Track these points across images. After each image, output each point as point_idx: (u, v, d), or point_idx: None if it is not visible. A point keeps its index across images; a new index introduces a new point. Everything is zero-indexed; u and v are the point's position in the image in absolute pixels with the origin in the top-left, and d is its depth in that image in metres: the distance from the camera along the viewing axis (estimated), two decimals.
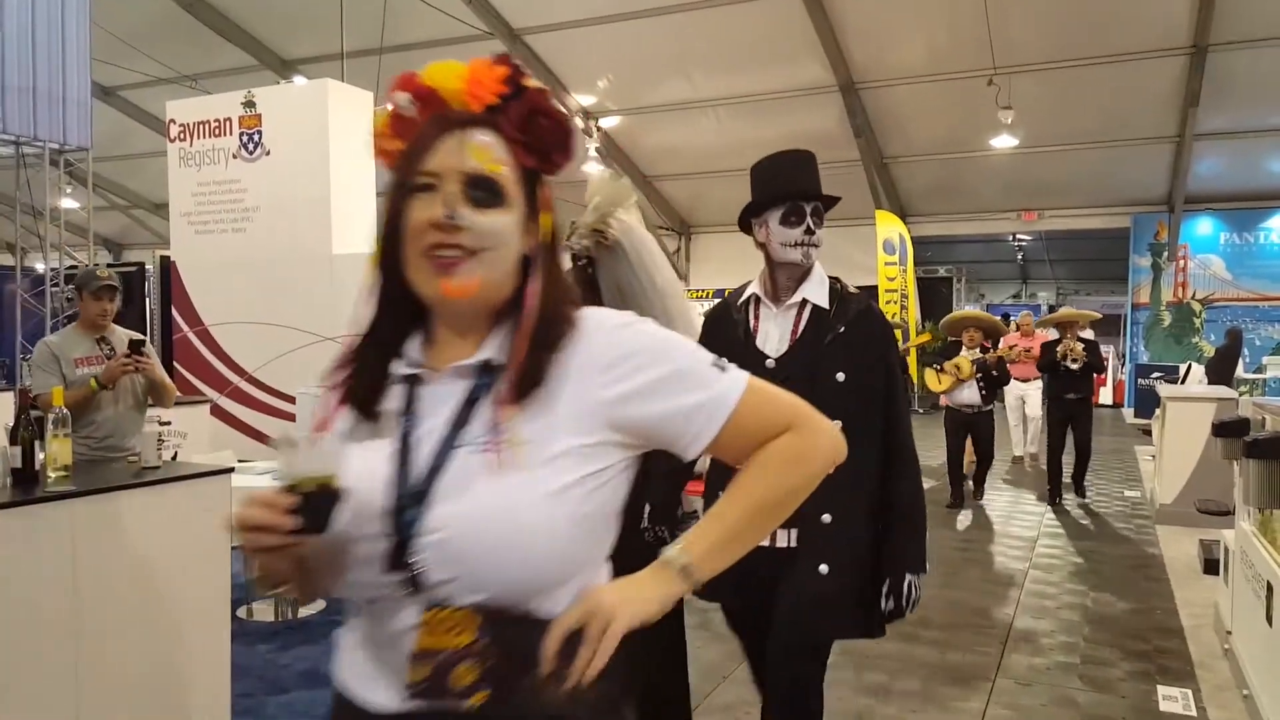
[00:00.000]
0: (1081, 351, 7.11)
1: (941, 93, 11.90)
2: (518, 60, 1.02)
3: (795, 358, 2.13)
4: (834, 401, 1.92)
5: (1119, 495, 7.86)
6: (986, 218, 15.10)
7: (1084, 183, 13.58)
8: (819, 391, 1.91)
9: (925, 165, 13.86)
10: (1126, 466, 9.35)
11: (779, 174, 2.22)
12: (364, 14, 10.56)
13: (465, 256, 0.94)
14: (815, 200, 2.18)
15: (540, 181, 1.04)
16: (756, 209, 2.22)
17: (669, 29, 11.23)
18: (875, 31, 11.12)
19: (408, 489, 0.93)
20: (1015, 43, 10.59)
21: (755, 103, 12.60)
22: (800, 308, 2.18)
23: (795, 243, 2.15)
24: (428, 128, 0.99)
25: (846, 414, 1.88)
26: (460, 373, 0.98)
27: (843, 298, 2.18)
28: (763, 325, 2.21)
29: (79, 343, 3.77)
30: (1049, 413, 7.59)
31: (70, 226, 8.52)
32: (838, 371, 2.08)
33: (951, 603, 4.80)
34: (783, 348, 2.16)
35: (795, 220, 2.16)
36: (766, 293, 2.24)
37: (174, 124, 8.52)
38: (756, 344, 2.19)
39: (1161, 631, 4.33)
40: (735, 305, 2.28)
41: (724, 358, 1.93)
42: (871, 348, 2.14)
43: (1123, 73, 11.00)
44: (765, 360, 2.13)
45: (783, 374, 2.03)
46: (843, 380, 2.07)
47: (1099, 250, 17.64)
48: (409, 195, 0.96)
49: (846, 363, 2.09)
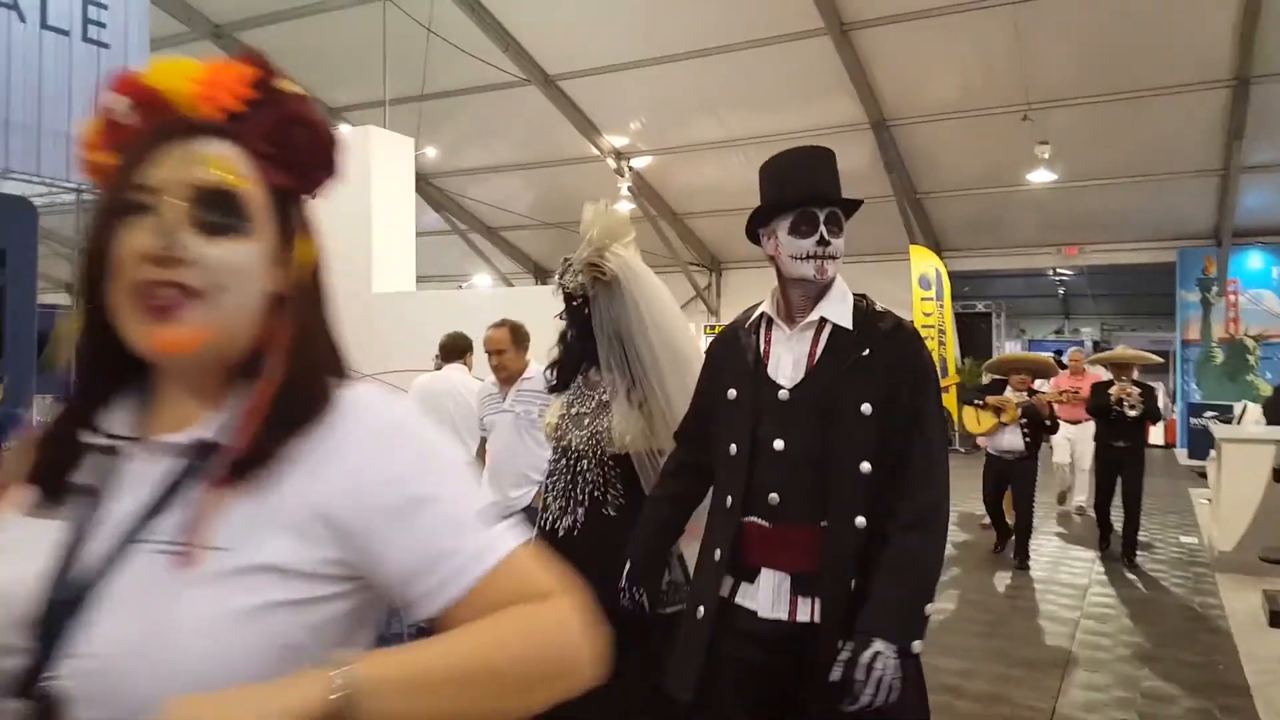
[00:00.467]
0: (1139, 397, 6.46)
1: (975, 128, 11.86)
2: (268, 59, 0.85)
3: (813, 386, 1.81)
4: (859, 438, 1.75)
5: (1174, 541, 7.55)
6: (1026, 252, 14.92)
7: (1126, 217, 13.38)
8: (841, 426, 1.76)
9: (960, 200, 13.78)
10: (1181, 511, 9.02)
11: (787, 175, 1.91)
12: (406, 62, 10.83)
13: (187, 298, 0.74)
14: (831, 205, 1.86)
15: (297, 204, 0.86)
16: (763, 216, 1.91)
17: (699, 71, 11.37)
18: (906, 69, 11.15)
19: (64, 591, 0.71)
20: (1050, 78, 10.54)
21: (785, 140, 12.56)
22: (818, 329, 1.86)
23: (807, 255, 1.83)
24: (147, 135, 0.79)
25: (875, 453, 1.74)
26: (169, 448, 0.77)
27: (869, 316, 1.86)
28: (775, 349, 1.89)
29: None
30: (1097, 461, 6.93)
31: None
32: (863, 402, 1.75)
33: (998, 653, 4.64)
34: (798, 375, 1.84)
35: (806, 229, 1.84)
36: (779, 312, 1.91)
37: None
38: (768, 371, 1.87)
39: (1225, 688, 4.12)
40: (744, 327, 1.97)
41: (731, 388, 1.89)
42: (904, 374, 1.80)
43: (1162, 106, 10.88)
44: (778, 390, 1.83)
45: (798, 405, 1.81)
46: (869, 413, 1.75)
47: (1144, 285, 17.30)
48: (118, 218, 0.75)
49: (873, 392, 1.76)
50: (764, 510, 1.82)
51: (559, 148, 13.56)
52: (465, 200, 15.46)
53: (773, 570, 1.80)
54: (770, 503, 1.80)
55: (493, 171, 14.62)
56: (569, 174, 14.18)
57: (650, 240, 15.12)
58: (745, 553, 1.83)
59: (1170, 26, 9.78)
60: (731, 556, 1.84)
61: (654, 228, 14.94)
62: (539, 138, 13.46)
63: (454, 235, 16.37)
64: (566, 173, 14.17)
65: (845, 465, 1.75)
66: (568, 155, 13.67)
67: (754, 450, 1.83)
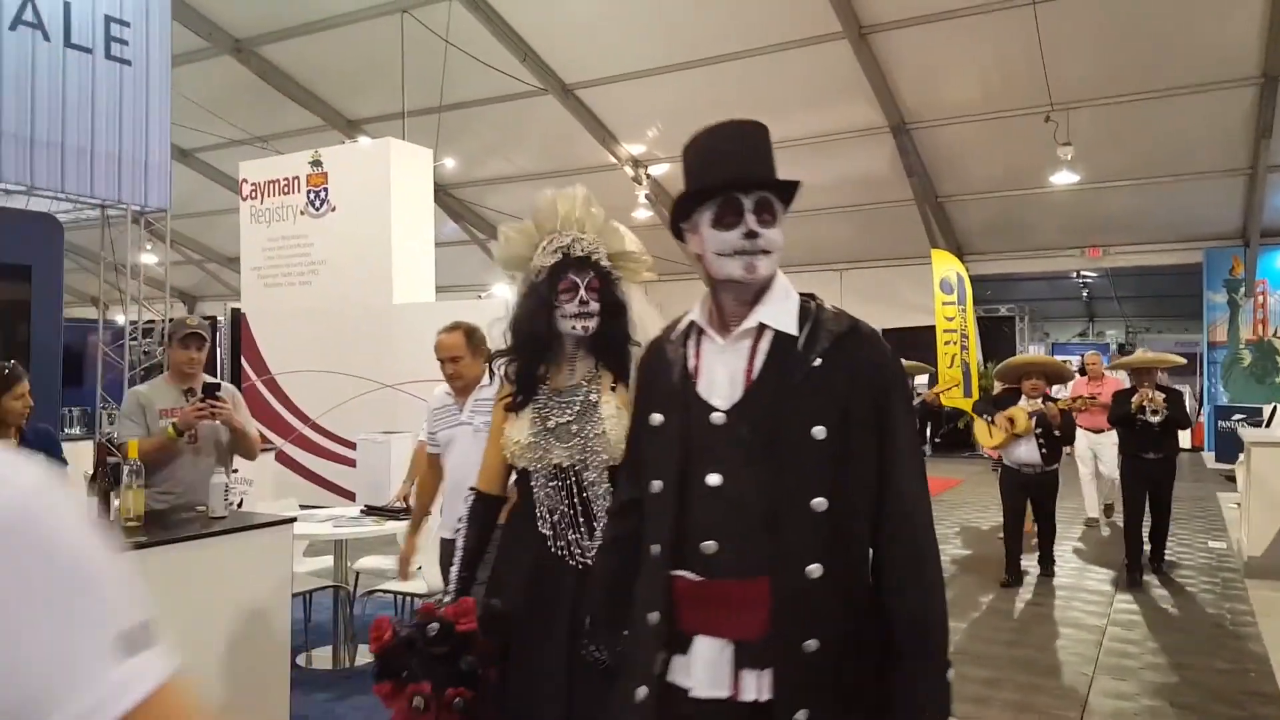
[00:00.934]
0: (1162, 402, 5.94)
1: (996, 131, 11.76)
2: None
3: (753, 406, 1.50)
4: (811, 468, 1.45)
5: (1203, 546, 7.42)
6: (1048, 255, 14.77)
7: (1151, 218, 13.22)
8: (789, 454, 1.46)
9: (982, 203, 13.67)
10: (1209, 515, 8.87)
11: (708, 157, 1.60)
12: (424, 74, 10.92)
13: None
14: (760, 190, 1.55)
15: None
16: (683, 209, 1.60)
17: (717, 77, 11.37)
18: (926, 71, 11.09)
19: None
20: (1072, 79, 10.44)
21: (804, 146, 12.63)
22: (756, 337, 1.55)
23: (733, 250, 1.52)
24: None
25: (834, 487, 1.45)
26: None
27: (818, 319, 1.55)
28: (706, 364, 1.58)
29: (166, 393, 3.74)
30: (1124, 475, 6.34)
31: (149, 281, 8.90)
32: (815, 424, 1.45)
33: (1023, 662, 4.57)
34: (735, 394, 1.52)
35: (731, 220, 1.54)
36: (710, 320, 1.60)
37: (246, 183, 8.88)
38: (698, 390, 1.56)
39: (1258, 696, 4.05)
40: (670, 339, 1.66)
41: (656, 411, 1.58)
42: (865, 384, 1.50)
43: (1187, 105, 10.74)
44: (711, 413, 1.52)
45: (737, 431, 1.50)
46: (823, 437, 1.45)
47: (1170, 286, 17.07)
48: None
49: (828, 410, 1.46)
50: (696, 562, 1.49)
51: (577, 156, 13.61)
52: (484, 210, 15.54)
53: (710, 637, 1.48)
54: (704, 552, 1.48)
55: (511, 181, 14.68)
56: (587, 182, 13.61)
57: (668, 247, 15.09)
58: (676, 616, 1.51)
59: (1194, 24, 9.67)
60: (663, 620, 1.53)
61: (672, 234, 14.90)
62: (557, 147, 13.51)
63: (473, 245, 16.46)
64: (584, 181, 13.64)
65: (795, 502, 1.45)
66: (585, 164, 13.70)
67: (682, 487, 1.53)
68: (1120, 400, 6.19)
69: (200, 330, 3.79)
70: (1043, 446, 6.01)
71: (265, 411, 8.56)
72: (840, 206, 14.00)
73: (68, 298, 6.60)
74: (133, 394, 3.77)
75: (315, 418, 8.54)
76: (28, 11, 6.28)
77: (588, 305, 2.07)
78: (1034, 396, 6.09)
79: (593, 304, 2.08)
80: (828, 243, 15.17)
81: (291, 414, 8.64)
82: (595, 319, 2.08)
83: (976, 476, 11.45)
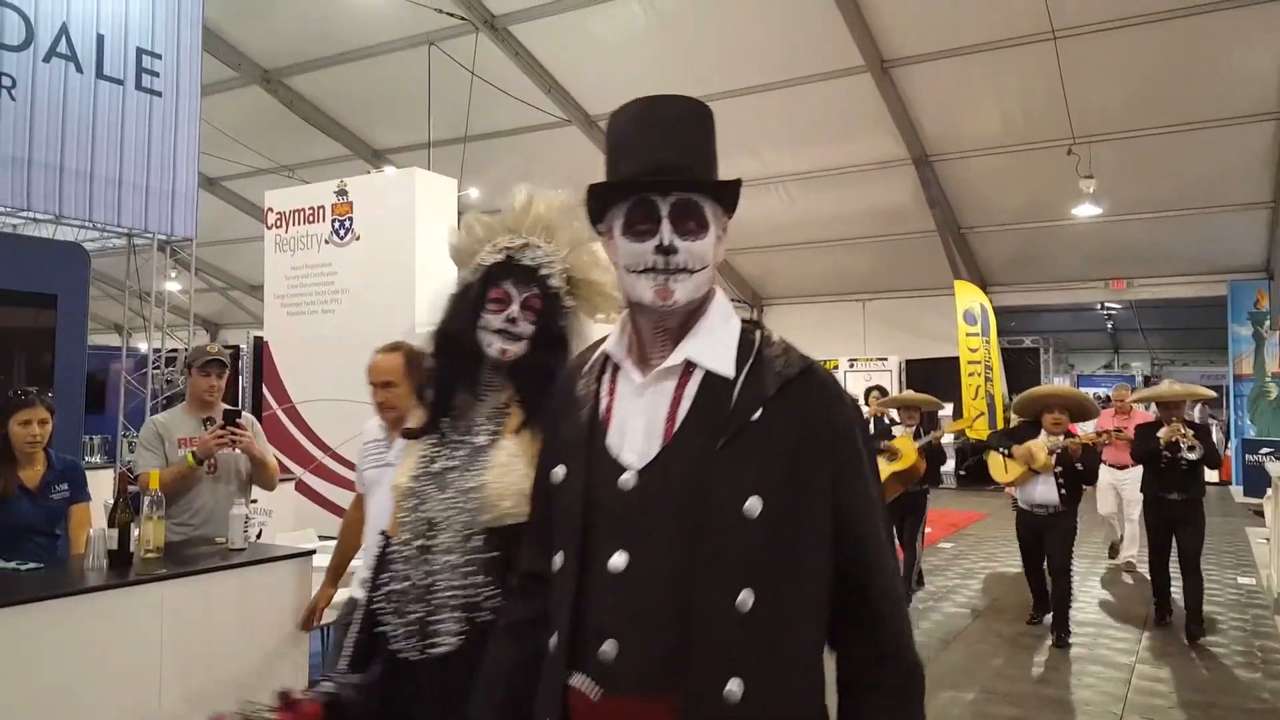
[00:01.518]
0: (1193, 438, 5.44)
1: (1019, 163, 11.74)
2: None
3: (671, 468, 1.17)
4: (739, 553, 1.11)
5: (1231, 582, 7.29)
6: (1072, 287, 14.69)
7: (1175, 250, 13.12)
8: (712, 533, 1.12)
9: (1005, 235, 13.62)
10: (1238, 550, 8.71)
11: (625, 142, 1.27)
12: (450, 105, 11.05)
13: None
14: (681, 190, 1.20)
15: None
16: (596, 208, 1.28)
17: (740, 109, 11.41)
18: (948, 105, 11.11)
19: None
20: (1094, 112, 10.43)
21: (826, 177, 12.66)
22: (683, 377, 1.21)
23: (643, 267, 1.20)
24: None
25: (768, 578, 1.11)
26: None
27: (760, 357, 1.20)
28: (620, 408, 1.24)
29: (184, 422, 3.69)
30: (1147, 518, 5.86)
31: (172, 308, 8.99)
32: (748, 495, 1.12)
33: (1052, 701, 4.48)
34: (651, 450, 1.19)
35: (644, 227, 1.20)
36: (629, 352, 1.26)
37: (271, 212, 8.98)
38: (607, 442, 1.23)
39: None
40: (583, 371, 1.33)
41: (560, 463, 1.25)
42: (820, 447, 1.16)
43: (1210, 139, 10.69)
44: (619, 474, 1.19)
45: (650, 498, 1.17)
46: (757, 513, 1.12)
47: (1194, 318, 16.92)
48: None
49: (766, 478, 1.13)
50: (594, 667, 1.17)
51: None
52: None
53: None
54: (602, 657, 1.16)
55: None
56: None
57: None
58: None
59: (1217, 59, 9.65)
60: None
61: None
62: (580, 177, 13.00)
63: None
64: None
65: (714, 596, 1.11)
66: None
67: (584, 566, 1.20)
68: (1145, 434, 5.69)
69: (221, 357, 3.74)
70: (1062, 486, 5.47)
71: (285, 440, 8.59)
72: (863, 237, 14.01)
73: (91, 324, 6.65)
74: (151, 423, 3.71)
75: (335, 446, 8.56)
76: (61, 44, 6.40)
77: (515, 325, 1.67)
78: (1055, 433, 5.57)
79: (523, 325, 1.67)
80: (850, 273, 15.16)
81: (312, 443, 8.66)
82: (521, 344, 1.67)
83: (1001, 512, 11.28)
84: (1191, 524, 5.56)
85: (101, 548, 3.05)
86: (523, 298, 1.69)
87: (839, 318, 16.03)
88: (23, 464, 3.39)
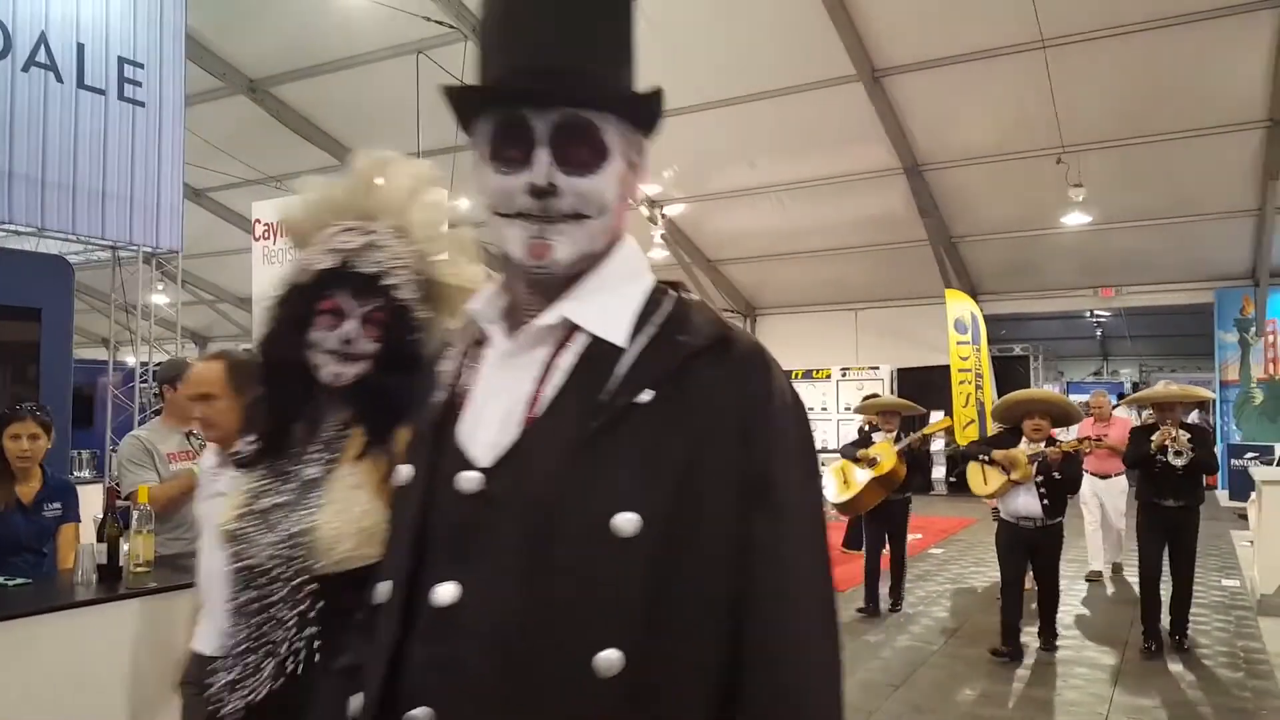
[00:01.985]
0: (1187, 442, 5.15)
1: (1009, 172, 11.80)
2: None
3: (526, 468, 0.87)
4: (608, 593, 0.82)
5: (1216, 584, 7.34)
6: (1061, 295, 14.77)
7: (1163, 258, 13.22)
8: (571, 564, 0.82)
9: (995, 244, 13.69)
10: (1223, 553, 8.78)
11: (494, 29, 0.95)
12: (439, 114, 10.98)
13: None
14: (566, 104, 0.89)
15: None
16: (460, 114, 0.97)
17: (732, 119, 11.45)
18: (939, 114, 11.15)
19: None
20: (1083, 122, 10.49)
21: (818, 187, 12.69)
22: (560, 343, 0.92)
23: (513, 211, 0.90)
24: None
25: (637, 631, 0.82)
26: None
27: (670, 323, 0.91)
28: (483, 384, 0.95)
29: (168, 437, 3.67)
30: (1140, 526, 5.46)
31: (159, 321, 8.90)
32: (617, 509, 0.82)
33: (1041, 702, 4.48)
34: (505, 440, 0.89)
35: (514, 154, 0.90)
36: (501, 309, 0.97)
37: (259, 223, 8.91)
38: (457, 432, 0.93)
39: None
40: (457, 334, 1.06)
41: (408, 459, 0.97)
42: (731, 442, 0.86)
43: (1197, 148, 10.77)
44: (462, 470, 0.89)
45: (492, 512, 0.87)
46: (632, 535, 0.82)
47: (1182, 326, 17.06)
48: None
49: (653, 484, 0.84)
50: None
51: None
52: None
53: None
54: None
55: None
56: None
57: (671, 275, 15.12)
58: None
59: (1203, 69, 9.73)
60: None
61: (688, 274, 14.95)
62: None
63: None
64: None
65: (566, 656, 0.82)
66: None
67: (409, 603, 0.91)
68: (1139, 438, 5.40)
69: None
70: (1044, 496, 5.16)
71: None
72: (855, 246, 14.04)
73: (77, 338, 6.57)
74: (134, 439, 3.69)
75: None
76: (40, 53, 6.32)
77: (351, 345, 1.36)
78: (1036, 440, 5.25)
79: (361, 345, 1.37)
80: (843, 283, 15.19)
81: None
82: (358, 366, 1.37)
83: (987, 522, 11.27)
84: (1187, 533, 5.32)
85: (91, 562, 3.01)
86: (362, 312, 1.38)
87: (831, 327, 16.06)
88: (19, 479, 3.36)
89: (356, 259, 1.38)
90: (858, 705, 4.42)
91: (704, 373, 0.87)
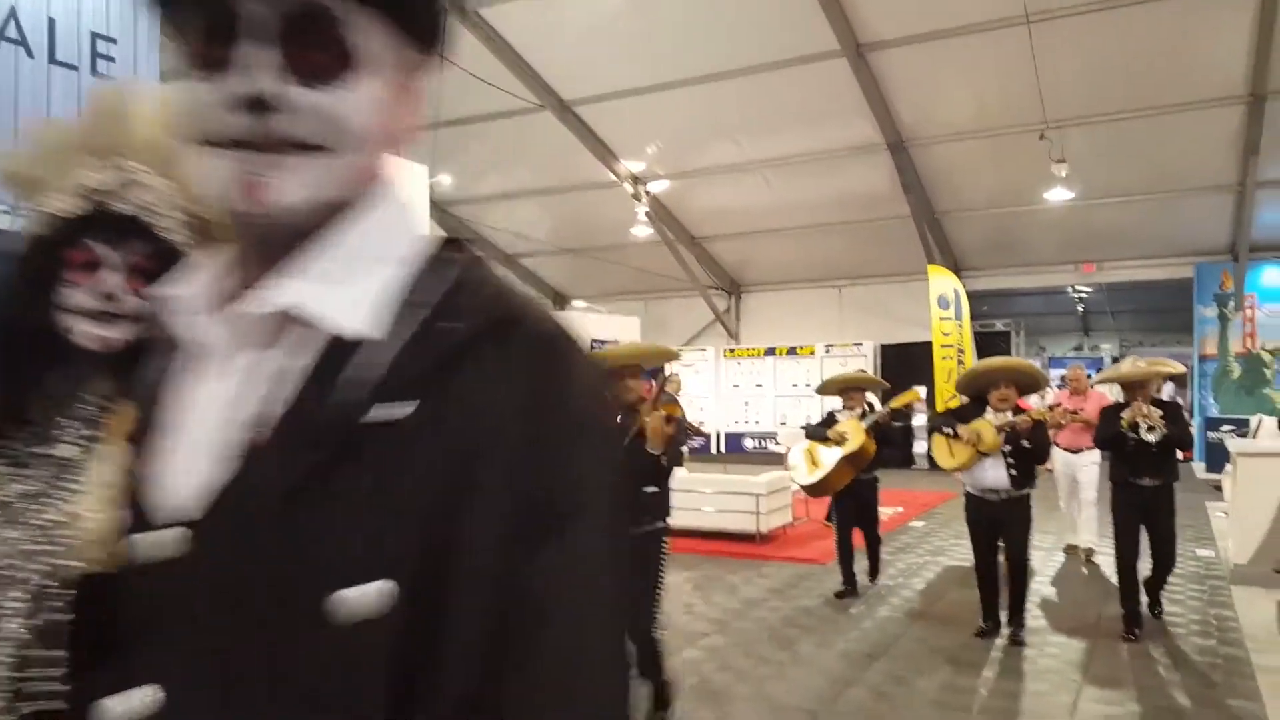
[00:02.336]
0: (1159, 418, 4.99)
1: (992, 148, 11.86)
2: None
3: (232, 519, 0.62)
4: (333, 702, 0.60)
5: (1191, 554, 7.46)
6: (1044, 270, 14.88)
7: (1143, 233, 13.33)
8: (271, 666, 0.61)
9: (978, 219, 13.76)
10: (1198, 524, 8.91)
11: None
12: None
13: None
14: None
15: None
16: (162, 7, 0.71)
17: (716, 95, 11.43)
18: (923, 90, 11.17)
19: None
20: (1066, 97, 10.52)
21: (802, 163, 12.72)
22: (295, 333, 0.66)
23: (219, 139, 0.63)
24: None
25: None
26: None
27: (444, 305, 0.65)
28: (186, 395, 0.70)
29: None
30: (1115, 505, 5.24)
31: None
32: (346, 580, 0.59)
33: (1010, 669, 4.63)
34: (215, 481, 0.64)
35: (216, 54, 0.64)
36: (214, 284, 0.70)
37: None
38: (147, 470, 0.69)
39: (1239, 698, 4.15)
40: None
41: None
42: (496, 461, 0.62)
43: (1179, 123, 10.84)
44: (151, 527, 0.66)
45: (196, 584, 0.63)
46: (371, 612, 0.59)
47: (1162, 300, 17.23)
48: None
49: (399, 536, 0.60)
50: None
51: (576, 173, 13.65)
52: (482, 228, 15.57)
53: None
54: None
55: (509, 198, 14.72)
56: (586, 200, 14.26)
57: (669, 264, 15.16)
58: None
59: (1186, 44, 9.77)
60: None
61: (672, 252, 14.99)
62: (555, 164, 13.56)
63: None
64: (583, 198, 14.26)
65: None
66: (585, 181, 13.75)
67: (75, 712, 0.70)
68: (1110, 417, 5.20)
69: None
70: (1012, 467, 4.98)
71: None
72: (838, 223, 14.09)
73: None
74: None
75: None
76: (10, 28, 6.25)
77: (114, 303, 1.13)
78: (1002, 410, 5.03)
79: (128, 300, 1.13)
80: (827, 259, 15.26)
81: None
82: (125, 327, 1.12)
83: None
84: (1163, 511, 5.16)
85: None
86: (126, 263, 1.13)
87: (816, 304, 16.16)
88: None
89: (112, 199, 1.13)
90: (838, 675, 4.54)
91: (477, 370, 0.63)
